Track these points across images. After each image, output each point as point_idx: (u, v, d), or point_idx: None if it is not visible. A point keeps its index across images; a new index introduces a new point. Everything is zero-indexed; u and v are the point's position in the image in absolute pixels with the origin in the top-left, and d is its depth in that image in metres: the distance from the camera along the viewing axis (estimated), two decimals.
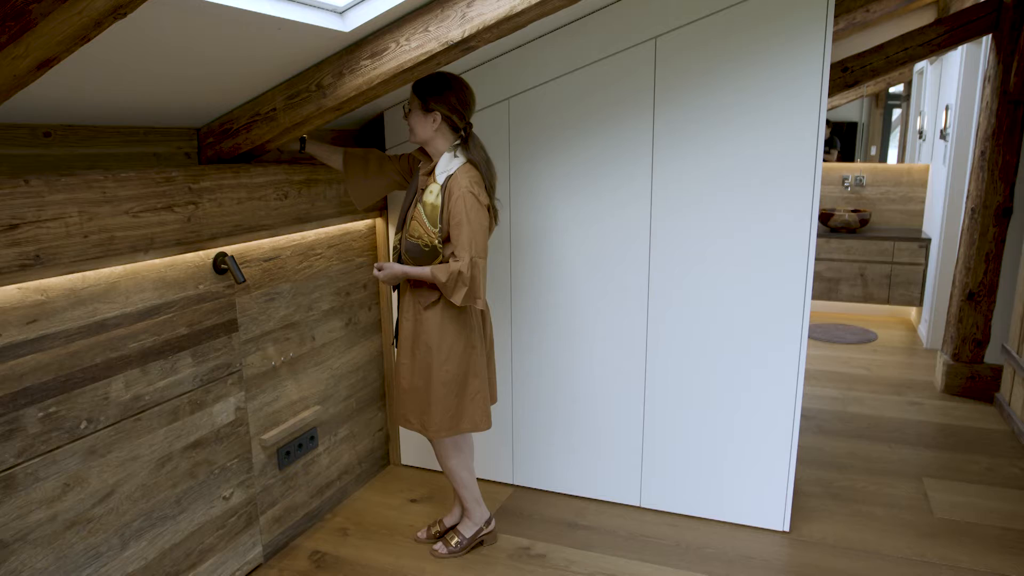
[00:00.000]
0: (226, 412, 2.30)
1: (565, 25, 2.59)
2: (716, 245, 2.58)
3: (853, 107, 6.24)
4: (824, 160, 6.05)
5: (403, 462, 3.32)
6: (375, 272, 2.38)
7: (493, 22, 1.83)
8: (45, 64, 1.20)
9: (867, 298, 5.58)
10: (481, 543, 2.66)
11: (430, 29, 1.88)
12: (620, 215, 2.69)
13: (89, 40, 1.15)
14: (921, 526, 2.77)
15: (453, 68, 2.65)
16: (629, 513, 2.89)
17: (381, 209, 3.01)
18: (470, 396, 2.40)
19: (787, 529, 2.72)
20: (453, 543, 2.61)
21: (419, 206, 2.32)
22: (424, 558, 2.60)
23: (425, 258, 2.30)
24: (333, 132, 2.89)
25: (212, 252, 2.20)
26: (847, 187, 5.94)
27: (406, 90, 2.70)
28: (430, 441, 2.54)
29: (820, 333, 5.50)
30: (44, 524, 1.77)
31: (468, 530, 2.63)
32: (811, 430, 3.69)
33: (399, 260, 2.39)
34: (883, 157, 6.26)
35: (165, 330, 2.05)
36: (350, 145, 2.98)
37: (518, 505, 2.96)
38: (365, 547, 2.67)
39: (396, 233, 2.42)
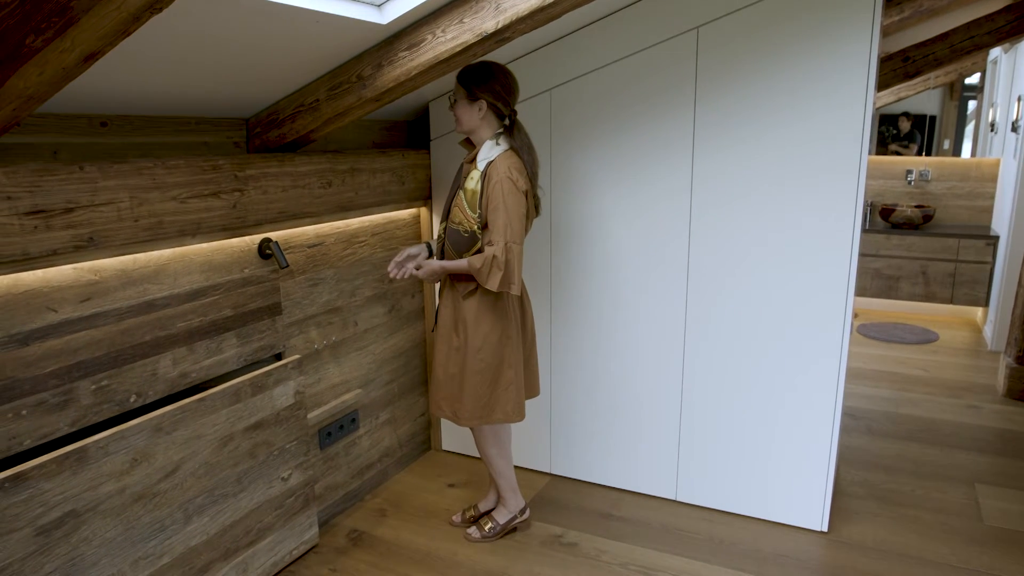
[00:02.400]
0: (286, 395, 2.37)
1: (607, 15, 2.58)
2: (756, 240, 2.54)
3: (922, 99, 5.99)
4: (902, 154, 5.84)
5: (444, 447, 3.39)
6: (414, 271, 2.41)
7: (526, 13, 1.85)
8: (91, 57, 1.27)
9: (929, 297, 5.37)
10: (514, 529, 2.70)
11: (465, 21, 1.91)
12: (660, 208, 2.67)
13: (129, 34, 1.22)
14: (969, 533, 2.68)
15: (495, 58, 2.67)
16: (664, 506, 2.88)
17: (426, 198, 3.06)
18: (503, 386, 2.43)
19: (825, 529, 2.67)
20: (487, 528, 2.65)
21: (460, 193, 2.36)
22: (458, 541, 2.65)
23: (465, 244, 2.33)
24: (386, 123, 2.95)
25: (257, 238, 2.28)
26: (910, 182, 5.72)
27: (449, 81, 2.74)
28: (470, 429, 2.59)
29: (878, 332, 5.33)
30: (113, 496, 1.86)
31: (502, 517, 2.67)
32: (859, 430, 3.60)
33: (442, 250, 2.43)
34: (956, 151, 5.99)
35: (211, 311, 2.15)
36: (403, 135, 3.04)
37: (553, 494, 2.99)
38: (402, 528, 2.74)
39: (440, 223, 2.46)
